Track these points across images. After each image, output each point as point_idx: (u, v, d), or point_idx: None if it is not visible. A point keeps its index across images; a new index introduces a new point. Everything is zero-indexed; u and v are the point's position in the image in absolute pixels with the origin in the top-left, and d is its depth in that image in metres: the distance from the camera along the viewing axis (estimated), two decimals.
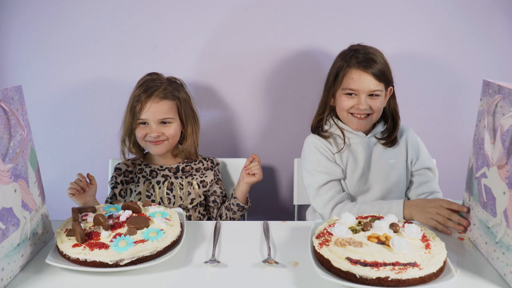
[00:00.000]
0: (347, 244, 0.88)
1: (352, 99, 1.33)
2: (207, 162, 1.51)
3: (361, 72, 1.30)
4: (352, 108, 1.33)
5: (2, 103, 0.87)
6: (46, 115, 1.76)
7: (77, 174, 1.31)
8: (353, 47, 1.36)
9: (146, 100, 1.36)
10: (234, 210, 1.43)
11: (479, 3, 1.66)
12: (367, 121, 1.35)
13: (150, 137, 1.38)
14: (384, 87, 1.32)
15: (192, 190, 1.43)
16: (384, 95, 1.34)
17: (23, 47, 1.69)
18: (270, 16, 1.68)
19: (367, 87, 1.30)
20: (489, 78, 0.99)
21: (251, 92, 1.76)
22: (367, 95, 1.31)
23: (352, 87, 1.32)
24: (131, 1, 1.65)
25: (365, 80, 1.30)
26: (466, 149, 1.70)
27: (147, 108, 1.36)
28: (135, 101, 1.37)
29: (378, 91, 1.31)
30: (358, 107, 1.31)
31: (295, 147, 1.81)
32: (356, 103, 1.32)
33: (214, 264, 0.95)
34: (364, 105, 1.30)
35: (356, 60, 1.31)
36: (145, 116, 1.37)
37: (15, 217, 0.90)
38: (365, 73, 1.29)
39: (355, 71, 1.31)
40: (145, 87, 1.38)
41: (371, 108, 1.32)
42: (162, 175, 1.43)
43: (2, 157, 0.87)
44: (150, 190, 1.41)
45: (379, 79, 1.29)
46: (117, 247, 0.90)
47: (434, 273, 0.83)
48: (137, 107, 1.37)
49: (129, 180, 1.45)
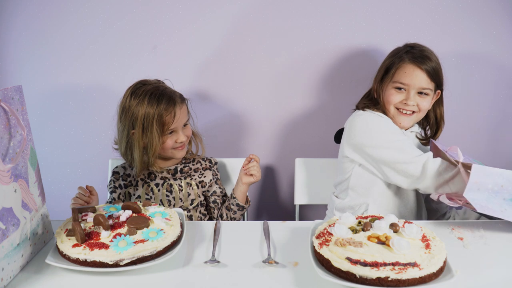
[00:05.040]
0: (347, 244, 0.88)
1: (401, 93, 1.33)
2: (205, 162, 1.50)
3: (415, 67, 1.31)
4: (399, 103, 1.34)
5: (2, 103, 0.87)
6: (46, 115, 1.76)
7: (78, 188, 1.29)
8: (409, 45, 1.37)
9: (174, 109, 1.33)
10: (234, 210, 1.43)
11: (481, 2, 1.66)
12: (412, 119, 1.35)
13: (177, 144, 1.37)
14: (434, 87, 1.32)
15: (191, 191, 1.43)
16: (433, 96, 1.34)
17: (23, 47, 1.69)
18: (270, 16, 1.68)
19: (418, 83, 1.31)
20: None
21: (251, 92, 1.76)
22: (416, 92, 1.31)
23: (403, 81, 1.32)
24: (131, 1, 1.66)
25: (418, 76, 1.30)
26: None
27: (177, 116, 1.33)
28: (163, 115, 1.31)
29: (428, 89, 1.31)
30: (407, 102, 1.32)
31: (295, 147, 1.82)
32: (404, 98, 1.32)
33: (214, 264, 0.95)
34: (413, 101, 1.31)
35: (412, 55, 1.32)
36: (175, 124, 1.34)
37: (15, 217, 0.90)
38: (418, 69, 1.30)
39: (409, 66, 1.31)
40: (167, 97, 1.32)
41: (418, 106, 1.32)
42: (161, 177, 1.42)
43: (2, 157, 0.87)
44: (149, 193, 1.40)
45: (431, 77, 1.30)
46: (117, 247, 0.90)
47: (434, 273, 0.82)
48: (167, 118, 1.31)
49: (128, 183, 1.43)
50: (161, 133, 1.32)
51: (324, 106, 1.77)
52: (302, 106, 1.77)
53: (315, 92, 1.76)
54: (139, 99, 1.31)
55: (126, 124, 1.34)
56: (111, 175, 1.45)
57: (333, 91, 1.75)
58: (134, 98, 1.32)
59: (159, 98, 1.31)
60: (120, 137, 1.38)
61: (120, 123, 1.37)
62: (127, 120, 1.33)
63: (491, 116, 1.79)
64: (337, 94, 1.75)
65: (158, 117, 1.30)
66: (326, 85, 1.75)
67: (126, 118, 1.33)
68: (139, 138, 1.32)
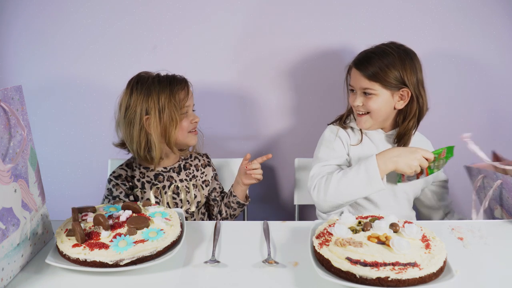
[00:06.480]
0: (347, 244, 0.88)
1: (353, 95, 1.37)
2: (202, 158, 1.49)
3: (354, 69, 1.35)
4: (352, 104, 1.38)
5: (2, 103, 0.87)
6: (46, 115, 1.76)
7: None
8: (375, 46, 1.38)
9: (186, 84, 1.34)
10: (234, 207, 1.43)
11: (481, 2, 1.66)
12: (366, 120, 1.36)
13: (192, 125, 1.36)
14: (380, 87, 1.30)
15: (197, 192, 1.43)
16: (390, 96, 1.32)
17: (23, 47, 1.69)
18: (270, 16, 1.68)
19: (358, 84, 1.34)
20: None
21: (251, 92, 1.76)
22: (361, 92, 1.34)
23: (351, 83, 1.38)
24: (131, 1, 1.66)
25: (357, 77, 1.34)
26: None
27: (190, 92, 1.35)
28: (178, 91, 1.30)
29: (370, 89, 1.31)
30: (353, 103, 1.36)
31: (295, 147, 1.81)
32: (353, 99, 1.36)
33: (214, 264, 0.95)
34: (358, 101, 1.34)
35: (356, 59, 1.36)
36: (190, 102, 1.34)
37: (15, 217, 0.90)
38: (357, 71, 1.34)
39: (352, 69, 1.37)
40: (176, 77, 1.34)
41: (365, 106, 1.33)
42: (168, 178, 1.39)
43: (2, 157, 0.87)
44: (158, 196, 1.37)
45: (369, 78, 1.30)
46: (117, 247, 0.90)
47: (434, 273, 0.82)
48: (182, 94, 1.31)
49: (133, 185, 1.36)
50: (179, 109, 1.30)
51: (324, 106, 1.77)
52: (302, 106, 1.77)
53: (315, 92, 1.76)
54: (148, 84, 1.29)
55: (137, 115, 1.28)
56: (109, 183, 1.35)
57: (333, 91, 1.75)
58: (142, 85, 1.29)
59: (168, 79, 1.32)
60: (128, 133, 1.31)
61: (124, 120, 1.31)
62: (137, 110, 1.28)
63: (490, 116, 1.79)
64: (337, 94, 1.75)
65: (174, 94, 1.29)
66: (327, 85, 1.75)
67: (134, 109, 1.28)
68: (156, 122, 1.28)
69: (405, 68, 1.29)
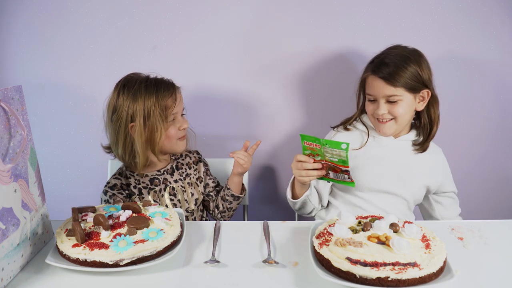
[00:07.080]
0: (347, 244, 0.88)
1: (374, 104, 1.34)
2: (193, 155, 1.48)
3: (374, 77, 1.31)
4: (374, 113, 1.34)
5: (2, 103, 0.87)
6: (46, 115, 1.76)
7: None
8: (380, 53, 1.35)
9: (174, 91, 1.29)
10: (230, 200, 1.43)
11: (481, 2, 1.66)
12: (391, 126, 1.34)
13: (180, 133, 1.33)
14: (405, 91, 1.28)
15: (194, 190, 1.43)
16: (413, 99, 1.30)
17: (23, 47, 1.69)
18: (270, 16, 1.68)
19: (381, 92, 1.29)
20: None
21: (251, 92, 1.76)
22: (385, 100, 1.30)
23: (370, 93, 1.33)
24: (131, 1, 1.66)
25: (379, 85, 1.29)
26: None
27: (178, 99, 1.29)
28: (165, 98, 1.26)
29: (395, 96, 1.28)
30: (377, 112, 1.32)
31: (296, 147, 1.81)
32: (376, 108, 1.32)
33: (214, 264, 0.95)
34: (382, 110, 1.30)
35: (372, 66, 1.32)
36: (177, 109, 1.30)
37: (15, 217, 0.90)
38: (377, 79, 1.29)
39: (371, 77, 1.32)
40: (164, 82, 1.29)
41: (391, 113, 1.31)
42: (163, 180, 1.38)
43: (2, 157, 0.87)
44: (157, 199, 1.36)
45: (392, 83, 1.27)
46: (117, 247, 0.90)
47: (434, 273, 0.83)
48: (169, 101, 1.26)
49: (130, 193, 1.34)
50: (164, 118, 1.26)
51: (324, 106, 1.77)
52: (302, 106, 1.77)
53: (316, 92, 1.76)
54: (135, 89, 1.25)
55: (122, 120, 1.26)
56: (105, 194, 1.31)
57: (334, 91, 1.75)
58: (128, 89, 1.25)
59: (156, 84, 1.27)
60: (114, 137, 1.29)
61: (111, 123, 1.29)
62: (123, 115, 1.25)
63: (491, 116, 1.78)
64: (337, 94, 1.75)
65: (160, 101, 1.25)
66: (327, 85, 1.75)
67: (120, 113, 1.26)
68: (140, 129, 1.24)
69: (423, 68, 1.29)
